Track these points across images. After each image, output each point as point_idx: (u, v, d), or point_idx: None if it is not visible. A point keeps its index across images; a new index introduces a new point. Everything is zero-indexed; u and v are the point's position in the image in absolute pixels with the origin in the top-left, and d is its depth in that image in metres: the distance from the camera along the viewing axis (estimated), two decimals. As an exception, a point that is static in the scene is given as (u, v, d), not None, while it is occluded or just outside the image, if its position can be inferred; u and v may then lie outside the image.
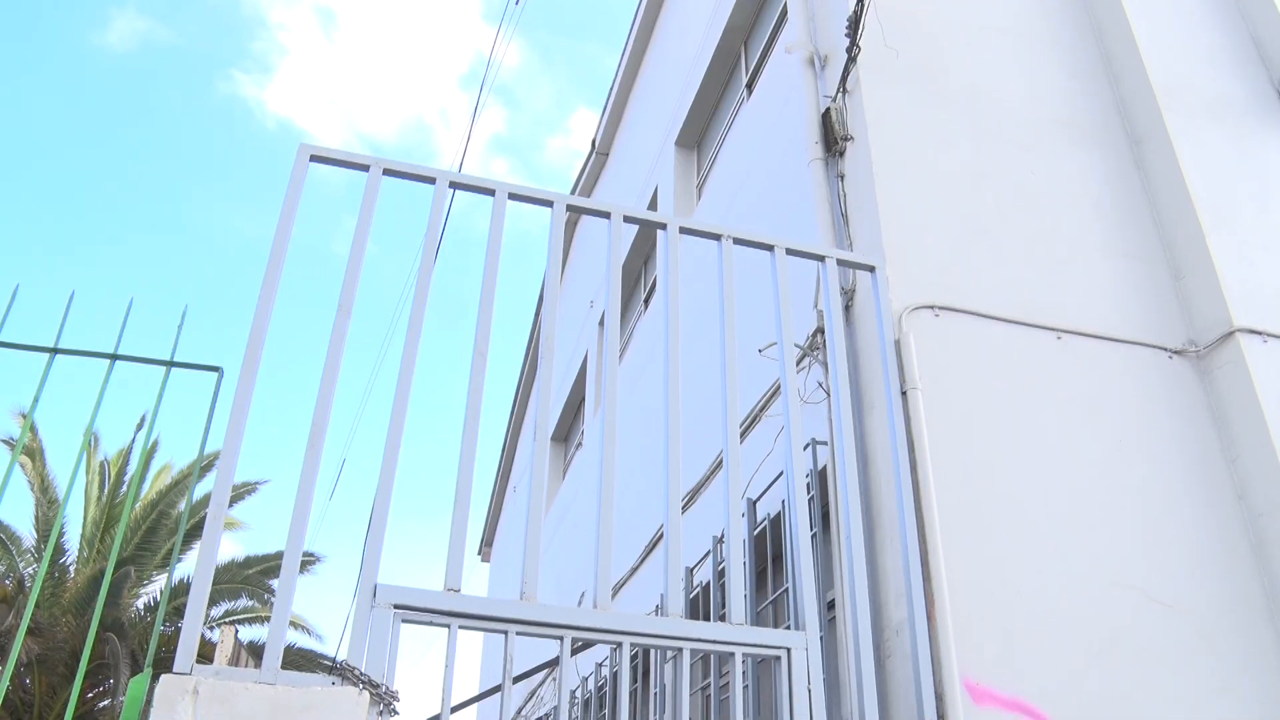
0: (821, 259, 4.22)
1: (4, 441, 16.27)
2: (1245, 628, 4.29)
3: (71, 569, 16.44)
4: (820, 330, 4.77)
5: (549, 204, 3.94)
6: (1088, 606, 4.11)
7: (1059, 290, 4.95)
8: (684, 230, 4.08)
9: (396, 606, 3.03)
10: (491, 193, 3.86)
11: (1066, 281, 5.00)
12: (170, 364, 3.62)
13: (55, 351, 3.55)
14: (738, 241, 4.09)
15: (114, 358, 3.59)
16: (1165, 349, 4.93)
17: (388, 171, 3.76)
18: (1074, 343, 4.79)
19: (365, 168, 3.74)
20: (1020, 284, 4.90)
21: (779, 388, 4.65)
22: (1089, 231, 5.23)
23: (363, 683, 2.85)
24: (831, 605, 4.55)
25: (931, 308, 4.62)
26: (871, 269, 4.27)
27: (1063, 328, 4.81)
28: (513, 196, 3.89)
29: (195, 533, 15.64)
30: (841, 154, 5.31)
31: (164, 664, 2.81)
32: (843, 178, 5.25)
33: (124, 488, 16.84)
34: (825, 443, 4.59)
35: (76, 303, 3.64)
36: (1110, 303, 5.00)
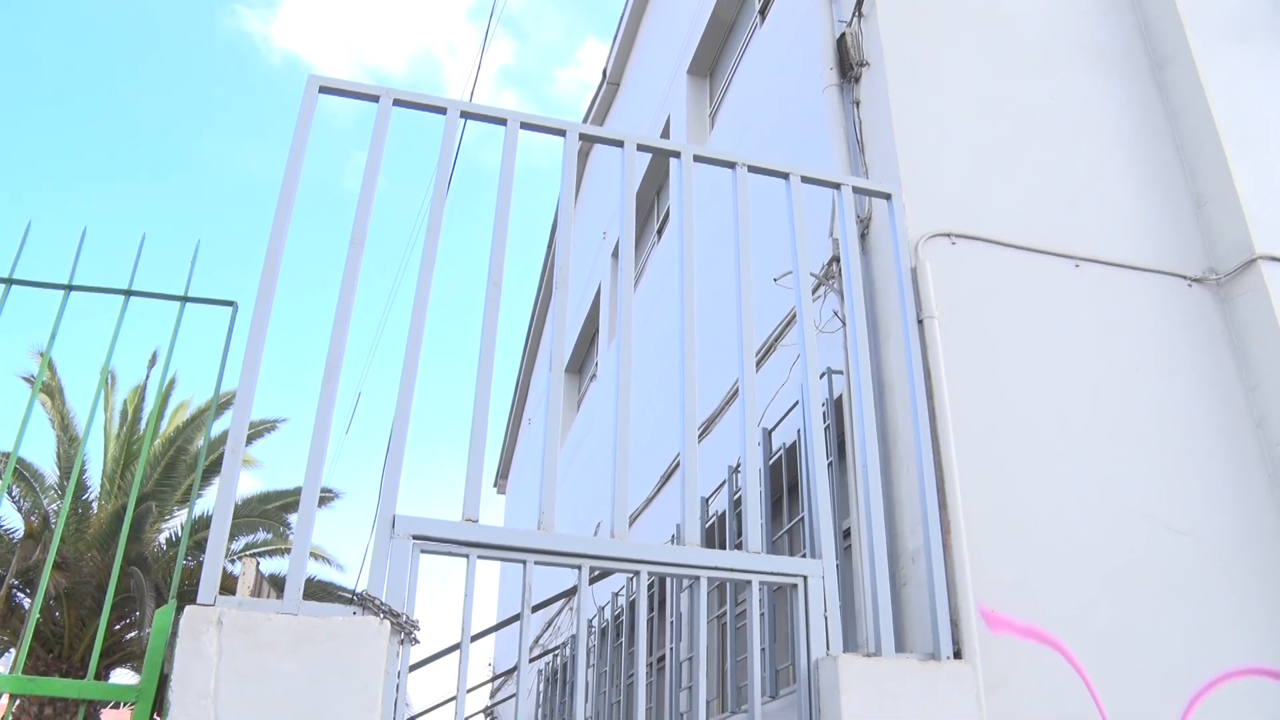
0: (837, 186, 4.16)
1: (24, 379, 16.39)
2: (1261, 555, 4.30)
3: (95, 505, 16.65)
4: (836, 258, 4.73)
5: (561, 133, 3.89)
6: (1103, 534, 4.12)
7: (1077, 217, 4.89)
8: (697, 158, 4.03)
9: (415, 537, 3.05)
10: (503, 122, 3.81)
11: (1085, 208, 4.94)
12: (184, 299, 3.61)
13: (69, 288, 3.54)
14: (752, 169, 4.03)
15: (128, 293, 3.58)
16: (1185, 277, 4.88)
17: (398, 102, 3.71)
18: (1092, 270, 4.75)
19: (375, 98, 3.69)
20: (1038, 211, 4.84)
21: (794, 317, 4.62)
22: (1109, 157, 5.15)
23: (383, 612, 2.88)
24: (847, 534, 4.57)
25: (948, 235, 4.57)
26: (887, 196, 4.22)
27: (1081, 255, 4.76)
28: (525, 126, 3.84)
29: (214, 469, 15.79)
30: (857, 80, 5.22)
31: (187, 596, 2.84)
32: (858, 104, 5.17)
33: (143, 424, 16.99)
34: (841, 371, 4.57)
35: (90, 241, 3.63)
36: (1129, 230, 4.94)
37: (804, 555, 4.37)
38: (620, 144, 3.94)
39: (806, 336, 3.82)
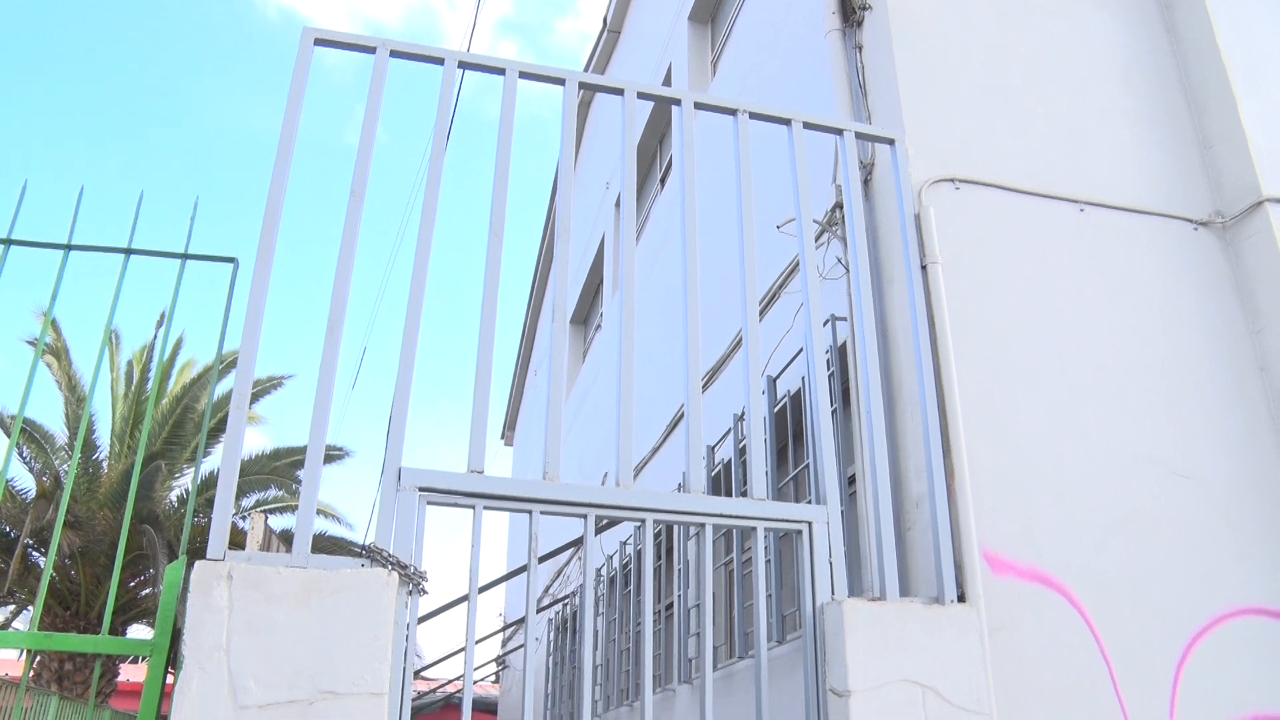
0: (840, 132, 4.13)
1: (28, 342, 16.44)
2: (1264, 499, 4.31)
3: (105, 465, 16.76)
4: (839, 205, 4.70)
5: (561, 82, 3.85)
6: (1106, 478, 4.14)
7: (1083, 161, 4.86)
8: (699, 105, 4.00)
9: (421, 489, 3.07)
10: (502, 72, 3.78)
11: (1091, 152, 4.90)
12: (185, 256, 3.61)
13: (69, 248, 3.53)
14: (754, 116, 4.00)
15: (128, 252, 3.57)
16: (1191, 220, 4.85)
17: (395, 53, 3.68)
18: (1097, 214, 4.72)
19: (372, 50, 3.65)
20: (1043, 155, 4.80)
21: (798, 264, 4.60)
22: (1115, 100, 5.10)
23: (391, 564, 2.91)
24: (852, 480, 4.59)
25: (952, 180, 4.55)
26: (890, 142, 4.19)
27: (1086, 199, 4.73)
28: (524, 75, 3.80)
29: (221, 428, 15.87)
30: (859, 24, 5.16)
31: (198, 553, 2.87)
32: (861, 49, 5.11)
33: (150, 384, 17.05)
34: (845, 318, 4.56)
35: (88, 201, 3.61)
36: (1135, 173, 4.91)
37: (809, 502, 4.39)
38: (620, 92, 3.90)
39: (810, 284, 3.81)
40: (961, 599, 3.56)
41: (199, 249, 3.61)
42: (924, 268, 4.16)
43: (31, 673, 16.11)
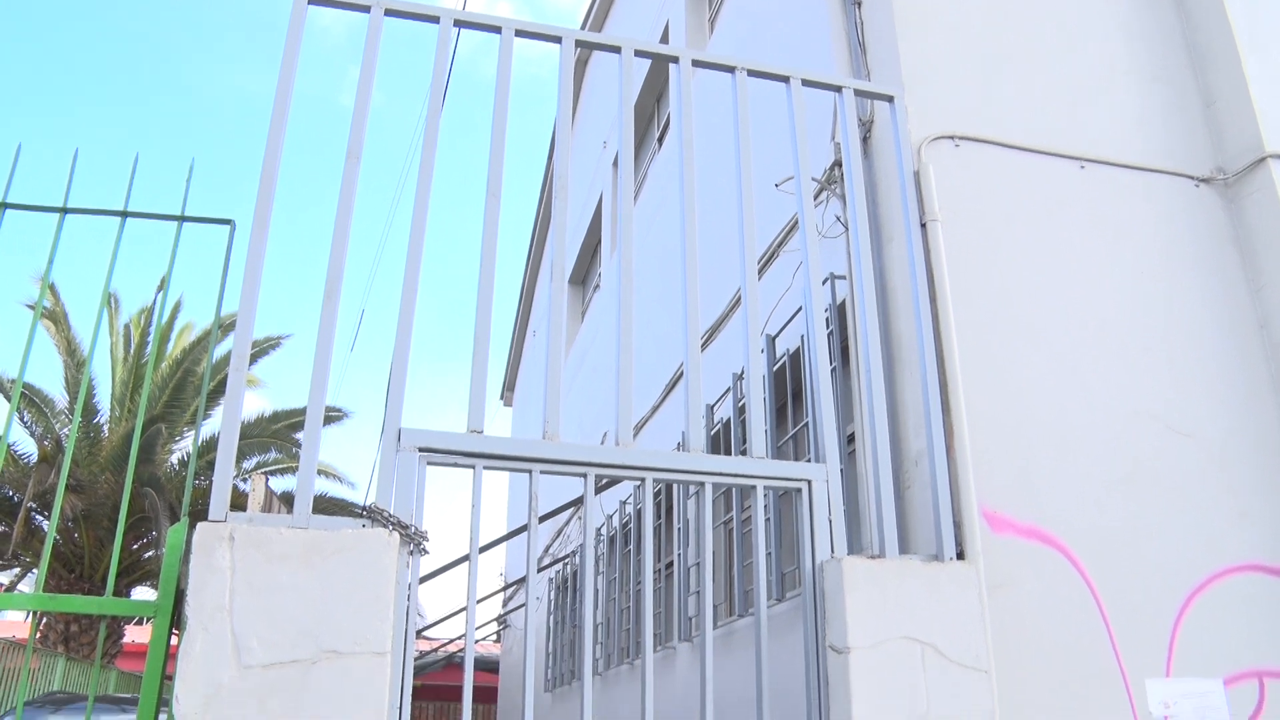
0: (838, 90, 4.10)
1: (27, 306, 16.42)
2: (1262, 454, 4.32)
3: (105, 428, 16.80)
4: (838, 163, 4.67)
5: (557, 40, 3.82)
6: (1106, 436, 4.15)
7: (1084, 117, 4.82)
8: (696, 63, 3.96)
9: (421, 449, 3.07)
10: (498, 30, 3.74)
11: (1092, 108, 4.86)
12: (181, 218, 3.58)
13: (65, 211, 3.51)
14: (752, 73, 3.96)
15: (124, 214, 3.55)
16: (1192, 177, 4.82)
17: (389, 12, 3.63)
18: (1098, 172, 4.69)
19: (366, 9, 3.61)
20: (1043, 111, 4.77)
21: (797, 223, 4.59)
22: (1117, 55, 5.05)
23: (392, 524, 2.92)
24: (851, 439, 4.60)
25: (951, 138, 4.52)
26: (890, 99, 4.15)
27: (1087, 156, 4.70)
28: (520, 33, 3.77)
29: (221, 390, 15.89)
30: (859, -21, 5.10)
31: (200, 515, 2.87)
32: (860, 5, 5.06)
33: (148, 348, 17.06)
34: (844, 277, 4.55)
35: (83, 165, 3.59)
36: (1137, 130, 4.87)
37: (808, 460, 4.40)
38: (618, 50, 3.87)
39: (809, 242, 3.80)
40: (960, 556, 3.58)
41: (196, 211, 3.59)
42: (923, 225, 4.15)
43: (38, 634, 16.25)
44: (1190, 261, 4.62)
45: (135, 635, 21.37)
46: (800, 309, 5.11)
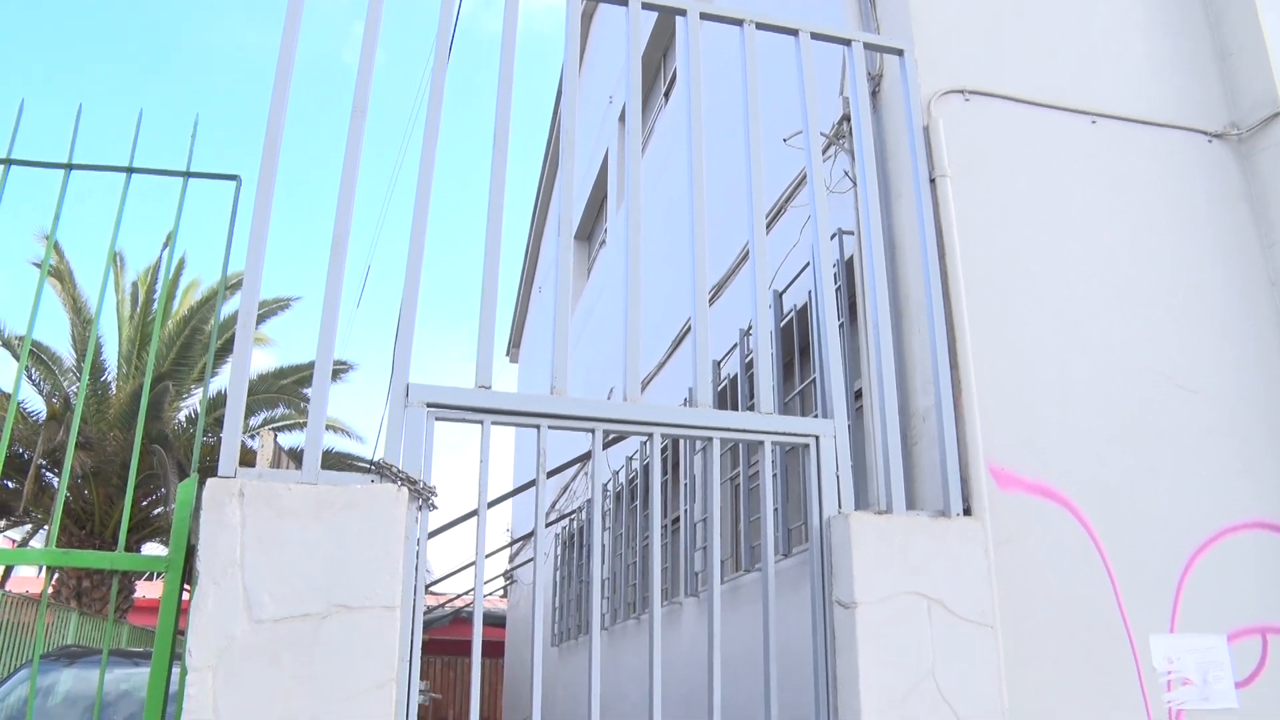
0: (848, 43, 4.05)
1: (33, 265, 16.42)
2: (1271, 413, 4.31)
3: (113, 386, 16.85)
4: (846, 118, 4.63)
5: (563, -9, 3.77)
6: (1113, 392, 4.14)
7: (1096, 71, 4.76)
8: (704, 16, 3.91)
9: (429, 405, 3.08)
10: (503, -19, 3.69)
11: (1104, 62, 4.80)
12: (187, 174, 3.56)
13: (69, 167, 3.49)
14: (760, 26, 3.92)
15: (129, 171, 3.53)
16: (1205, 132, 4.77)
17: (393, -38, 3.59)
18: (1109, 127, 4.64)
19: (369, -39, 3.56)
20: (1055, 65, 4.71)
21: (805, 178, 4.56)
22: (1130, 7, 4.98)
23: (400, 479, 2.92)
24: (858, 395, 4.59)
25: (961, 92, 4.47)
26: (899, 53, 4.10)
27: (1098, 111, 4.64)
28: (524, -15, 3.72)
29: (228, 348, 15.92)
30: (868, -70, 5.02)
31: (209, 471, 2.88)
32: (870, -44, 4.98)
33: (155, 305, 17.07)
34: (852, 232, 4.53)
35: (87, 124, 3.56)
36: (1149, 84, 4.81)
37: (815, 416, 4.40)
38: (625, 2, 3.82)
39: (817, 197, 3.77)
40: (967, 512, 3.59)
41: (201, 168, 3.57)
42: (933, 181, 4.11)
43: (51, 590, 16.42)
44: (1201, 218, 4.58)
45: (146, 591, 21.59)
46: (808, 264, 5.09)
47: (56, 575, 16.65)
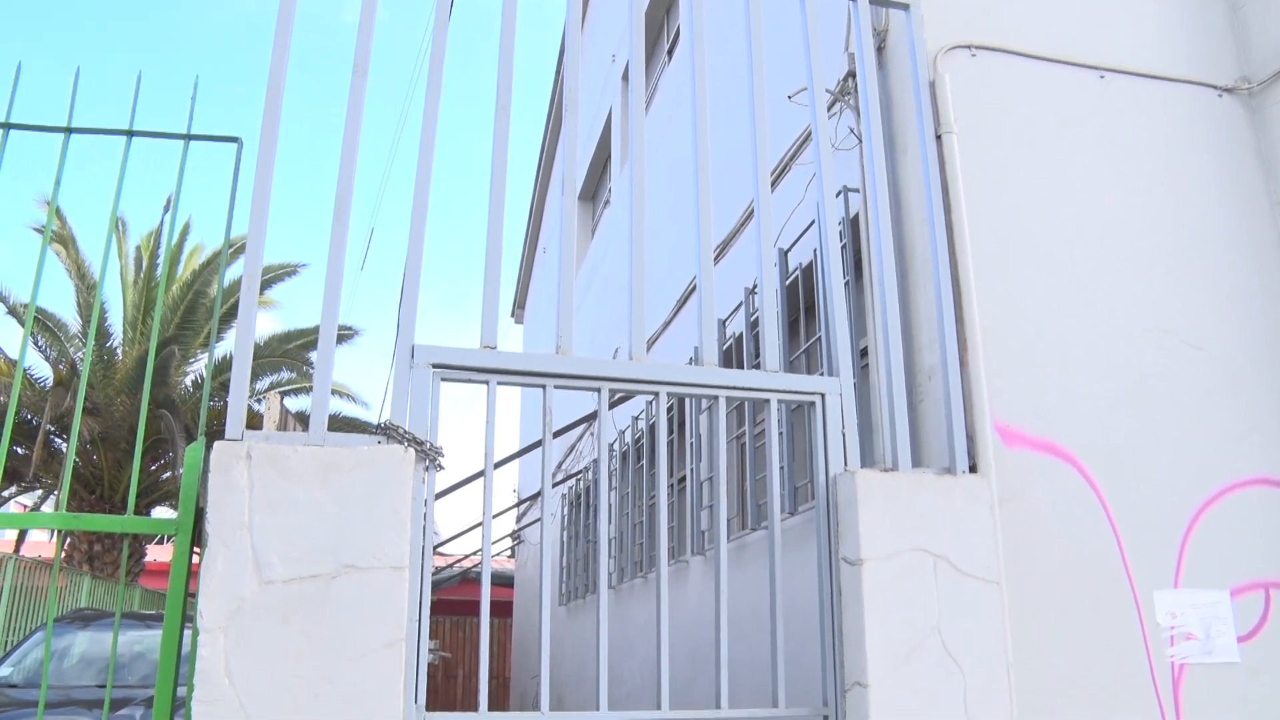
0: (853, -3, 4.00)
1: (35, 230, 16.40)
2: (1275, 370, 4.30)
3: (119, 352, 16.89)
4: (852, 74, 4.58)
5: (563, -52, 3.73)
6: (1119, 349, 4.13)
7: (1104, 25, 4.69)
8: (707, -30, 3.86)
9: (435, 366, 3.08)
10: (502, -62, 3.65)
11: (1112, 15, 4.73)
12: (188, 137, 3.55)
13: (69, 131, 3.47)
14: (765, -20, 3.87)
15: (129, 134, 3.51)
16: (1215, 86, 4.71)
17: (391, -81, 3.54)
18: (1118, 82, 4.59)
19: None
20: (1062, 19, 4.64)
21: (810, 135, 4.52)
22: (1139, -44, 4.90)
23: (407, 440, 2.93)
24: (864, 353, 4.59)
25: (968, 47, 4.42)
26: (905, 7, 4.06)
27: (1106, 66, 4.59)
28: (525, -59, 3.68)
29: (233, 313, 15.92)
30: (872, -119, 4.94)
31: (216, 435, 2.89)
32: (874, -92, 4.91)
33: (159, 270, 17.06)
34: (857, 189, 4.50)
35: (88, 85, 3.54)
36: (1158, 38, 4.75)
37: (821, 374, 4.40)
38: (626, -43, 3.78)
39: (822, 154, 3.75)
40: (973, 469, 3.60)
41: (202, 130, 3.55)
42: (938, 137, 4.08)
43: (63, 554, 16.54)
44: (1210, 173, 4.54)
45: (157, 554, 21.75)
46: (813, 222, 5.07)
47: (68, 540, 16.79)
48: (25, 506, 19.76)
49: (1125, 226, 4.33)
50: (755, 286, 5.73)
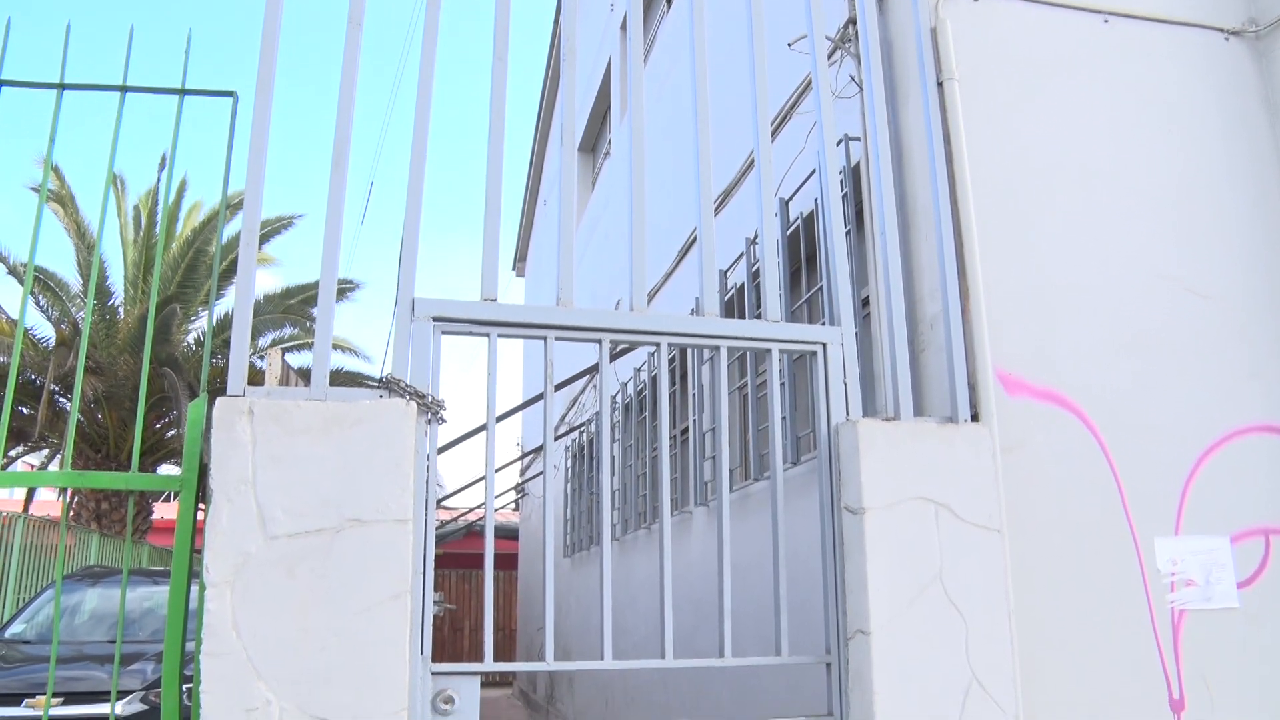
0: (853, -59, 3.94)
1: (33, 190, 16.35)
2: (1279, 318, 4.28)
3: (120, 310, 16.89)
4: (852, 21, 4.53)
5: (559, -107, 3.67)
6: (1123, 298, 4.11)
7: (1107, -33, 4.62)
8: (705, -85, 3.80)
9: (435, 319, 3.07)
10: (497, -116, 3.59)
11: (1116, -44, 4.66)
12: (183, 91, 3.52)
13: (62, 87, 3.44)
14: (763, -74, 3.81)
15: (123, 89, 3.48)
16: (1222, 29, 4.65)
17: None
18: (1122, 25, 4.52)
19: None
20: (1065, -39, 4.57)
21: (810, 83, 4.47)
22: (1144, -106, 4.82)
23: (409, 393, 2.93)
24: (866, 302, 4.58)
25: (970, -9, 4.36)
26: (906, -50, 4.00)
27: (1110, 9, 4.52)
28: (520, -113, 3.62)
29: (233, 270, 15.90)
30: None
31: (219, 392, 2.89)
32: None
33: (158, 228, 17.01)
34: (858, 138, 4.46)
35: (80, 41, 3.50)
36: (1165, -23, 4.68)
37: (823, 324, 4.40)
38: (622, -97, 3.72)
39: (823, 103, 3.71)
40: (974, 418, 3.60)
41: (197, 84, 3.52)
42: (940, 84, 4.04)
43: (71, 512, 16.67)
44: (1216, 119, 4.49)
45: (163, 512, 21.91)
46: (814, 171, 5.03)
47: (76, 498, 16.91)
48: (32, 466, 19.89)
49: (1130, 172, 4.29)
50: (756, 236, 5.70)
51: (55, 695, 7.27)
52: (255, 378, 9.91)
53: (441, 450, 11.88)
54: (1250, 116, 4.53)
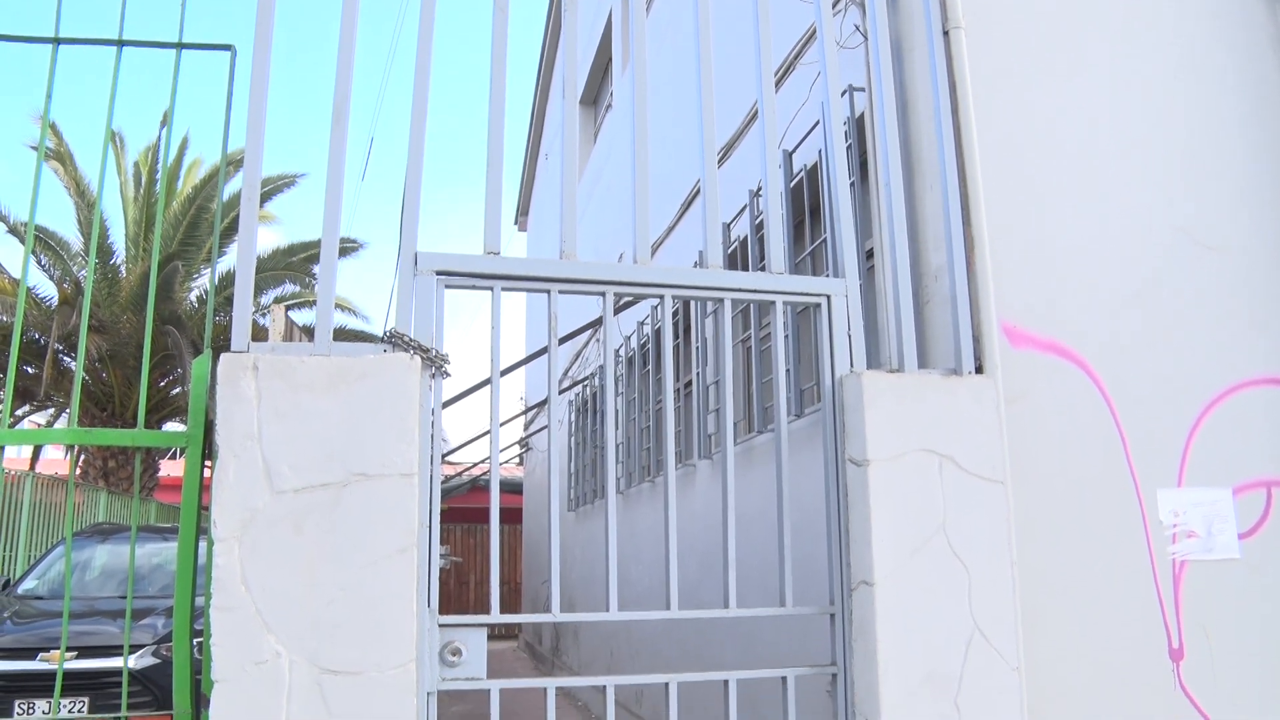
0: (858, -114, 3.88)
1: (31, 148, 16.27)
2: (1285, 270, 4.26)
3: (122, 269, 16.86)
4: (857, -32, 4.47)
5: None
6: (1130, 249, 4.09)
7: (1117, -91, 4.54)
8: None
9: (438, 273, 3.06)
10: None
11: (1126, -99, 4.58)
12: (180, 45, 3.48)
13: (57, 42, 3.41)
14: None
15: (120, 44, 3.45)
16: (1232, -29, 4.58)
17: None
18: (1130, -30, 4.46)
19: None
20: (1074, -94, 4.50)
21: (814, 33, 4.43)
22: None
23: (413, 347, 2.93)
24: (870, 254, 4.56)
25: (976, -63, 4.29)
26: (912, -105, 3.93)
27: (1118, -45, 4.46)
28: None
29: (235, 227, 15.86)
30: None
31: (222, 349, 2.89)
32: None
33: (159, 186, 16.94)
34: (863, 89, 4.41)
35: (77, 4, 3.45)
36: (1175, -81, 4.60)
37: (827, 276, 4.38)
38: None
39: (827, 53, 3.67)
40: (979, 370, 3.59)
41: (195, 39, 3.49)
42: (946, 34, 3.98)
43: (79, 470, 16.77)
44: (1226, 69, 4.43)
45: (171, 469, 22.03)
46: (818, 122, 4.99)
47: (83, 457, 16.99)
48: (39, 425, 19.96)
49: (1138, 124, 4.25)
50: (760, 188, 5.67)
51: (69, 649, 7.37)
52: (258, 334, 9.92)
53: (446, 404, 11.91)
54: (1263, 67, 4.47)
